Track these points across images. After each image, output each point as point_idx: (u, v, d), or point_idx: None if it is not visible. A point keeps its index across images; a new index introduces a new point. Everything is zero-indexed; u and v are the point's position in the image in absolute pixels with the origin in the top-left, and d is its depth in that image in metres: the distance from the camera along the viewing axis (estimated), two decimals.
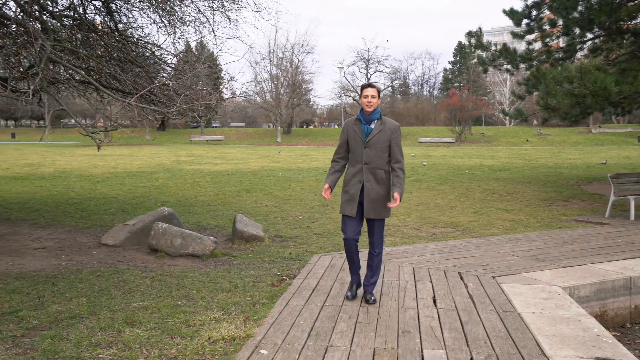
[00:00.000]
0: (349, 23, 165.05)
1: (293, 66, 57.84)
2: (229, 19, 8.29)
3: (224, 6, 8.30)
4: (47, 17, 4.43)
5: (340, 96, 68.92)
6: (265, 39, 62.76)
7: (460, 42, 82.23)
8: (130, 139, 46.94)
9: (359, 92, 4.72)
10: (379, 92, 4.67)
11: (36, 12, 4.21)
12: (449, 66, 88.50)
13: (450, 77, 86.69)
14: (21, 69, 4.19)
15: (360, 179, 4.66)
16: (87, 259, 6.64)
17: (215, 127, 75.63)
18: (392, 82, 78.65)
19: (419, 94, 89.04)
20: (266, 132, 63.56)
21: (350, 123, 4.80)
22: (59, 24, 5.12)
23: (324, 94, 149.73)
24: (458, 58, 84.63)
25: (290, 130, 62.10)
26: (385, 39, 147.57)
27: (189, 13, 7.80)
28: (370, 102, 4.60)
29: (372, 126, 4.65)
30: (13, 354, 3.68)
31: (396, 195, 4.61)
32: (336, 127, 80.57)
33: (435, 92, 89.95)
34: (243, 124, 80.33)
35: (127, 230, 7.53)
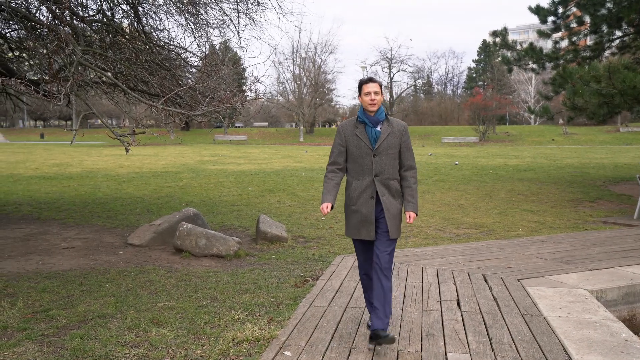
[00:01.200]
0: (373, 22, 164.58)
1: (316, 66, 57.96)
2: (253, 20, 8.36)
3: (249, 8, 8.38)
4: (77, 21, 4.55)
5: None
6: (289, 39, 62.95)
7: (484, 41, 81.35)
8: (155, 139, 47.58)
9: (358, 90, 3.99)
10: (381, 87, 3.94)
11: (67, 18, 4.33)
12: (473, 65, 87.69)
13: (474, 75, 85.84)
14: (52, 72, 4.30)
15: (373, 193, 3.90)
16: (114, 258, 6.77)
17: (239, 127, 76.16)
18: (415, 81, 78.20)
19: (442, 93, 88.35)
20: (289, 132, 63.80)
21: (348, 127, 4.00)
22: (88, 29, 5.24)
23: (346, 93, 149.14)
24: (482, 56, 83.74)
25: (312, 130, 62.24)
26: (409, 38, 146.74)
27: (214, 15, 7.90)
28: (374, 99, 3.85)
29: (379, 129, 3.90)
30: (44, 352, 3.77)
31: (413, 214, 3.97)
32: None
33: (459, 91, 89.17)
34: (266, 123, 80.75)
35: (153, 231, 7.65)
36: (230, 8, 8.34)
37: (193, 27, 7.53)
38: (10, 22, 5.22)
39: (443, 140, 49.40)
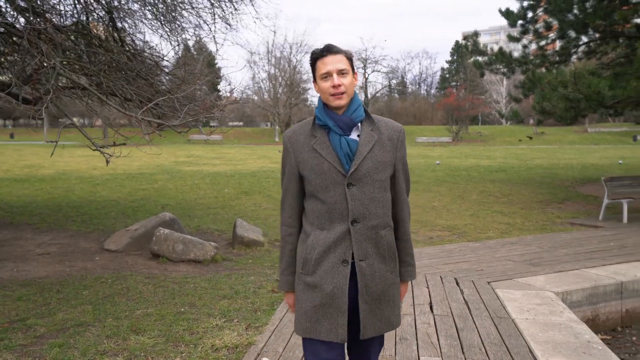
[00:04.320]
0: (348, 21, 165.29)
1: (291, 66, 58.02)
2: (229, 25, 8.42)
3: (224, 12, 8.43)
4: (54, 31, 4.56)
5: None
6: (264, 39, 63.03)
7: (457, 42, 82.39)
8: (133, 138, 46.95)
9: (311, 71, 2.32)
10: (351, 61, 2.27)
11: (45, 28, 4.34)
12: (446, 65, 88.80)
13: (447, 76, 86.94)
14: (33, 84, 4.31)
15: (347, 255, 2.23)
16: (90, 264, 6.76)
17: (213, 126, 75.65)
18: (389, 82, 78.88)
19: (417, 93, 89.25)
20: (264, 132, 63.70)
21: (300, 136, 2.32)
22: (66, 39, 5.24)
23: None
24: (455, 57, 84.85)
25: None
26: (383, 39, 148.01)
27: (190, 21, 7.94)
28: (338, 86, 2.20)
29: (356, 136, 2.27)
30: None
31: (404, 287, 2.51)
32: None
33: (433, 91, 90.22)
34: (241, 123, 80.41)
35: (129, 236, 7.65)
36: (206, 12, 8.40)
37: (169, 33, 7.57)
38: None
39: (417, 140, 49.94)
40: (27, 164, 22.42)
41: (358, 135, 2.27)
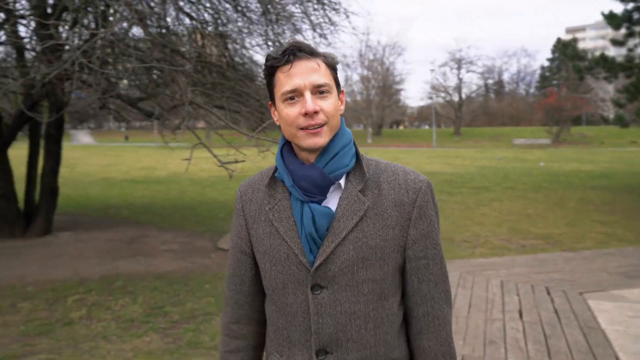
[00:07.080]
0: (441, 19, 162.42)
1: (384, 68, 58.35)
2: (328, 41, 9.10)
3: (323, 30, 9.11)
4: (190, 68, 5.42)
5: (430, 96, 68.45)
6: (357, 44, 63.96)
7: (559, 39, 78.37)
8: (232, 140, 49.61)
9: (267, 87, 1.39)
10: (334, 72, 1.35)
11: (184, 69, 5.18)
12: (546, 63, 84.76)
13: (547, 74, 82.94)
14: (170, 109, 5.21)
15: None
16: (208, 261, 7.66)
17: None
18: (485, 82, 76.77)
19: (514, 92, 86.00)
20: (357, 134, 64.44)
21: (257, 194, 1.49)
22: (197, 73, 6.16)
23: (414, 94, 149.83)
24: (557, 55, 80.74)
25: (380, 132, 62.55)
26: (478, 39, 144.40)
27: (290, 36, 8.72)
28: (314, 113, 1.28)
29: (330, 204, 1.34)
30: (166, 342, 4.62)
31: None
32: (427, 127, 79.79)
33: (532, 90, 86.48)
34: None
35: None
36: (307, 29, 9.15)
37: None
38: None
39: (514, 142, 48.37)
40: (143, 166, 24.63)
41: (335, 201, 1.36)
